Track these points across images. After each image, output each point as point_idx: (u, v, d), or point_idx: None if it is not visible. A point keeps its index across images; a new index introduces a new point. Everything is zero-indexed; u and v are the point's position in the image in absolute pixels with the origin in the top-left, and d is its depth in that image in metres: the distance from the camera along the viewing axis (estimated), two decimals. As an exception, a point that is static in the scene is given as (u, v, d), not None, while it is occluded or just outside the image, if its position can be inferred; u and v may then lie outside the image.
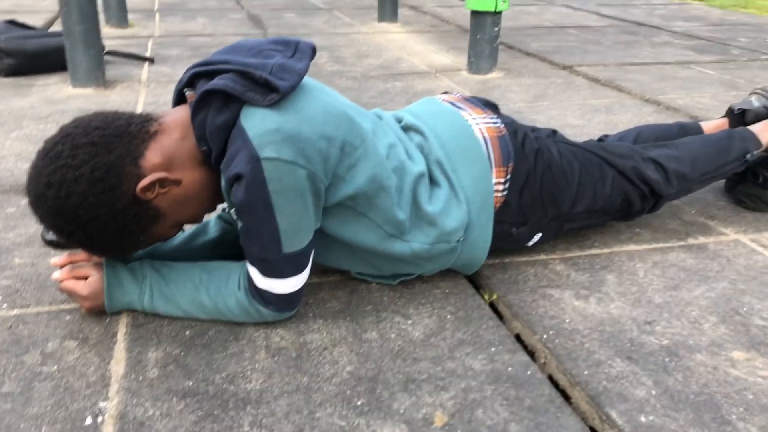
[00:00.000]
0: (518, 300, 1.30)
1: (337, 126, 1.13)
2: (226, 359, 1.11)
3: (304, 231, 1.13)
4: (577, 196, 1.40)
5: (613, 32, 4.40)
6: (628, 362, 1.12)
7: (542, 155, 1.37)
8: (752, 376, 1.10)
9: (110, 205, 1.07)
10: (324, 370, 1.09)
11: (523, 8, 5.46)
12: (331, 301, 1.29)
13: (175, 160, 1.13)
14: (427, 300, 1.30)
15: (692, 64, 3.51)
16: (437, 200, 1.25)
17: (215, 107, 1.10)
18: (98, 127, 1.10)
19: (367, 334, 1.19)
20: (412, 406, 1.02)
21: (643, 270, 1.42)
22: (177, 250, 1.34)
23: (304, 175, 1.08)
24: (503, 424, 0.98)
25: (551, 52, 3.71)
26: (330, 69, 3.18)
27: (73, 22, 2.56)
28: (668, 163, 1.51)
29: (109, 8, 3.99)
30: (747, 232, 1.61)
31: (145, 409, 1.00)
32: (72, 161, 1.06)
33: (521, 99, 2.75)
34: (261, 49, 1.17)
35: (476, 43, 3.09)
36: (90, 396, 1.02)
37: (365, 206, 1.18)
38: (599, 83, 3.08)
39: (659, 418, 1.00)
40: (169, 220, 1.16)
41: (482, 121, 1.35)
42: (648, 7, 5.67)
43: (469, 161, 1.30)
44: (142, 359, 1.11)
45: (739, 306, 1.30)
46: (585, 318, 1.25)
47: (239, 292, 1.18)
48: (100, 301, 1.20)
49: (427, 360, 1.12)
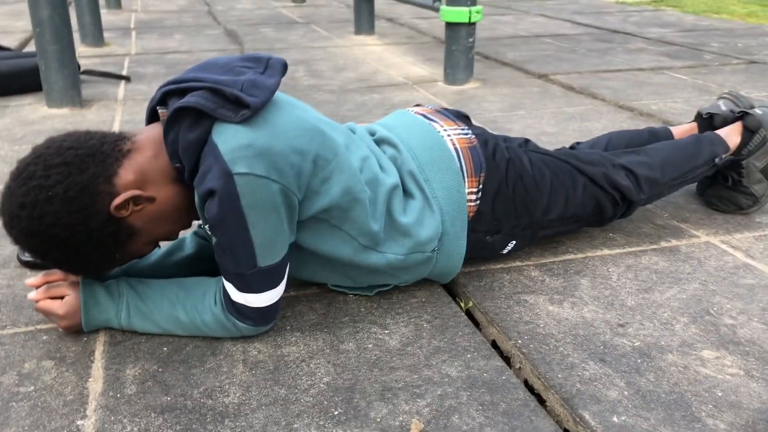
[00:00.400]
0: (494, 306, 1.32)
1: (309, 140, 1.14)
2: (204, 374, 1.12)
3: (279, 245, 1.14)
4: (549, 203, 1.42)
5: (587, 40, 4.46)
6: (602, 364, 1.14)
7: (513, 164, 1.39)
8: (721, 374, 1.12)
9: (85, 224, 1.08)
10: (301, 381, 1.10)
11: (498, 18, 5.52)
12: (309, 314, 1.30)
13: (148, 177, 1.14)
14: (403, 309, 1.31)
15: (666, 69, 3.56)
16: (411, 211, 1.27)
17: (187, 124, 1.11)
18: (71, 147, 1.10)
19: (344, 345, 1.20)
20: (388, 414, 1.03)
21: (616, 274, 1.45)
22: (153, 267, 1.34)
23: (277, 190, 1.09)
24: (479, 428, 1.00)
25: (527, 61, 3.75)
26: (307, 83, 3.20)
27: (46, 41, 2.56)
28: (638, 169, 1.53)
29: (84, 27, 3.99)
30: (718, 234, 1.64)
31: (123, 426, 1.00)
32: (45, 182, 1.07)
33: (497, 108, 2.78)
34: (232, 66, 1.18)
35: (452, 55, 3.12)
36: (67, 414, 1.02)
37: (340, 219, 1.20)
38: (574, 91, 3.12)
39: (631, 418, 1.02)
40: (144, 237, 1.16)
41: (454, 132, 1.37)
42: (622, 15, 5.75)
43: (441, 172, 1.32)
44: (120, 376, 1.11)
45: (710, 306, 1.32)
46: (559, 322, 1.27)
47: (215, 307, 1.19)
48: (77, 320, 1.20)
49: (403, 368, 1.14)
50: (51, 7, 2.54)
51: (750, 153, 1.67)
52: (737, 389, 1.08)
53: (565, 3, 6.62)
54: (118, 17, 5.44)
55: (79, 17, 4.01)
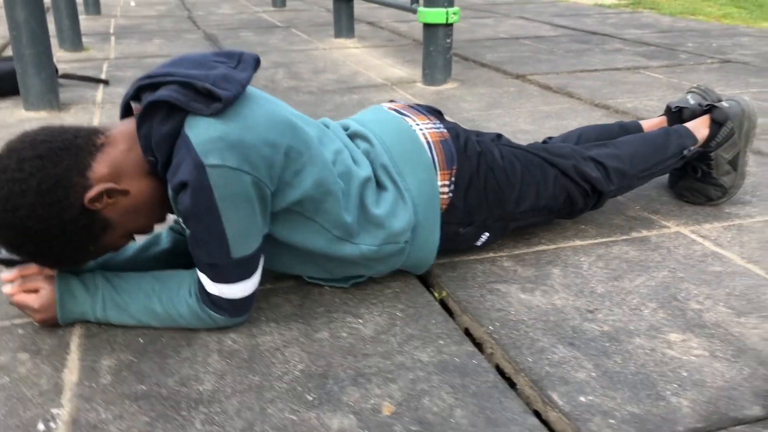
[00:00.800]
0: (467, 296, 1.34)
1: (281, 133, 1.16)
2: (179, 363, 1.13)
3: (252, 236, 1.16)
4: (520, 195, 1.45)
5: (566, 41, 4.51)
6: (570, 348, 1.17)
7: (485, 157, 1.42)
8: (686, 355, 1.15)
9: (59, 216, 1.09)
10: (276, 369, 1.12)
11: (479, 21, 5.56)
12: (284, 305, 1.31)
13: (122, 170, 1.15)
14: (378, 300, 1.33)
15: (642, 69, 3.61)
16: (384, 203, 1.29)
17: (160, 118, 1.12)
18: (44, 141, 1.11)
19: (318, 334, 1.22)
20: (361, 398, 1.05)
21: (587, 263, 1.47)
22: (129, 261, 1.35)
23: (250, 181, 1.11)
24: (449, 410, 1.02)
25: (505, 62, 3.79)
26: (287, 85, 3.22)
27: (23, 45, 2.56)
28: (608, 161, 1.56)
29: (62, 32, 3.98)
30: (688, 224, 1.67)
31: (98, 413, 1.01)
32: (19, 174, 1.08)
33: (475, 108, 2.81)
34: (205, 61, 1.20)
35: (429, 55, 3.15)
36: (42, 404, 1.03)
37: (313, 211, 1.21)
38: (551, 90, 3.16)
39: (598, 398, 1.04)
40: (118, 230, 1.17)
41: (425, 126, 1.40)
42: (600, 17, 5.81)
43: (414, 165, 1.34)
44: (96, 367, 1.12)
45: (678, 292, 1.35)
46: (530, 309, 1.29)
47: (191, 299, 1.20)
48: (53, 314, 1.21)
49: (377, 355, 1.15)
50: (27, 11, 2.55)
51: (718, 145, 1.71)
52: (701, 369, 1.11)
53: (544, 6, 6.69)
54: (97, 23, 5.43)
55: (57, 22, 4.01)
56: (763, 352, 1.16)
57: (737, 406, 1.02)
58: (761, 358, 1.14)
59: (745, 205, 1.78)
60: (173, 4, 6.91)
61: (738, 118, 1.70)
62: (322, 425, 0.99)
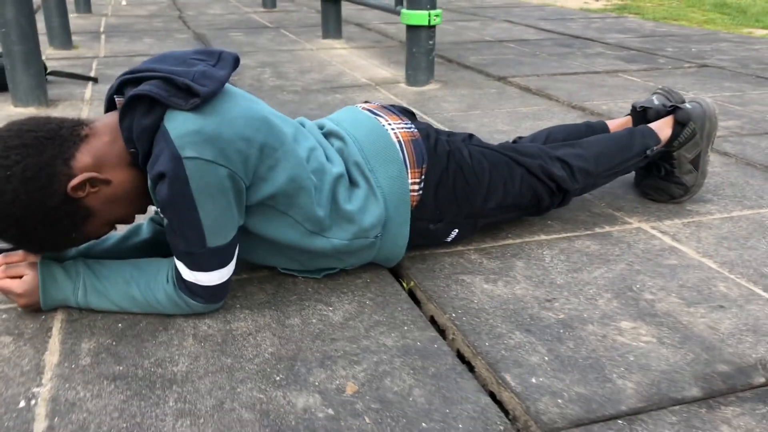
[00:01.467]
0: (433, 286, 1.41)
1: (256, 129, 1.22)
2: (156, 346, 1.19)
3: (227, 226, 1.22)
4: (488, 193, 1.52)
5: (549, 45, 4.59)
6: (526, 334, 1.24)
7: (454, 156, 1.48)
8: (635, 341, 1.22)
9: (42, 203, 1.15)
10: (247, 352, 1.18)
11: (466, 24, 5.64)
12: (258, 294, 1.38)
13: (105, 161, 1.21)
14: (348, 289, 1.40)
15: (620, 72, 3.69)
16: (356, 199, 1.35)
17: (141, 111, 1.18)
18: (30, 130, 1.17)
19: (290, 320, 1.28)
20: (326, 378, 1.11)
21: (550, 256, 1.54)
22: (111, 250, 1.41)
23: (225, 174, 1.17)
24: (408, 389, 1.08)
25: (488, 64, 3.87)
26: (272, 84, 3.28)
27: (11, 42, 2.61)
28: (573, 160, 1.63)
29: (52, 30, 4.03)
30: (649, 221, 1.74)
31: (77, 392, 1.07)
32: (4, 161, 1.13)
33: (455, 108, 2.88)
34: (186, 58, 1.26)
35: (413, 57, 3.22)
36: (24, 383, 1.09)
37: (286, 205, 1.28)
38: (530, 92, 3.23)
39: (548, 379, 1.11)
40: (100, 218, 1.23)
41: (397, 126, 1.46)
42: (585, 21, 5.90)
43: (385, 163, 1.40)
44: (76, 350, 1.18)
45: (633, 284, 1.43)
46: (492, 298, 1.36)
47: (168, 285, 1.26)
48: (35, 299, 1.27)
49: (344, 339, 1.22)
50: (16, 9, 2.60)
51: (680, 145, 1.78)
52: (648, 354, 1.18)
53: (531, 10, 6.77)
54: (87, 21, 5.47)
55: (47, 20, 4.05)
56: (707, 339, 1.23)
57: (677, 388, 1.09)
58: (705, 345, 1.21)
59: (706, 203, 1.86)
60: (164, 4, 6.96)
61: (700, 119, 1.77)
62: (288, 403, 1.05)
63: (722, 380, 1.12)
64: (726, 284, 1.43)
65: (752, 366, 1.15)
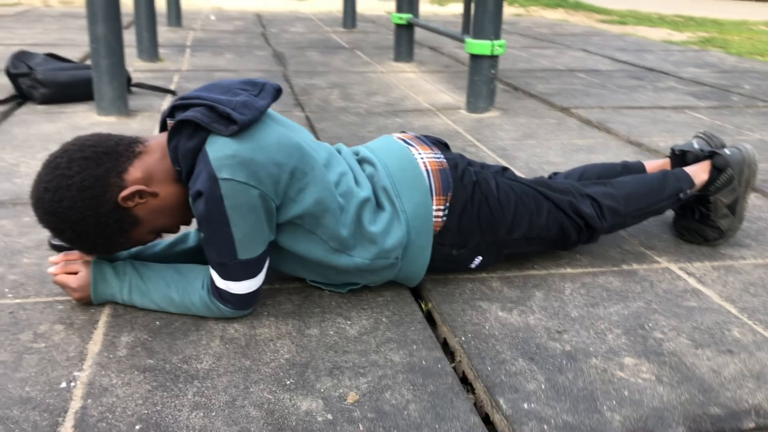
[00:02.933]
0: (449, 309, 1.48)
1: (288, 155, 1.34)
2: (186, 344, 1.32)
3: (257, 242, 1.34)
4: (513, 224, 1.58)
5: (620, 76, 4.57)
6: (529, 362, 1.30)
7: (480, 187, 1.56)
8: (634, 378, 1.26)
9: (95, 209, 1.30)
10: (266, 356, 1.29)
11: (540, 51, 5.67)
12: (286, 304, 1.49)
13: (154, 176, 1.35)
14: (369, 306, 1.49)
15: (687, 109, 3.66)
16: (380, 222, 1.45)
17: (186, 134, 1.32)
18: (92, 145, 1.33)
19: (309, 330, 1.38)
20: (332, 386, 1.21)
21: (570, 289, 1.59)
22: (159, 254, 1.55)
23: (257, 195, 1.29)
24: (405, 403, 1.16)
25: (553, 94, 3.90)
26: (337, 105, 3.42)
27: (100, 56, 2.85)
28: (603, 199, 1.68)
29: (141, 43, 4.32)
30: (678, 261, 1.76)
31: (110, 379, 1.20)
32: (67, 171, 1.29)
33: (510, 137, 2.94)
34: (231, 88, 1.39)
35: (474, 84, 3.30)
36: (68, 367, 1.23)
37: (312, 224, 1.39)
38: (590, 125, 3.25)
39: (540, 406, 1.17)
40: (146, 226, 1.37)
41: (427, 155, 1.55)
42: (664, 53, 5.83)
43: (412, 189, 1.49)
44: (116, 342, 1.32)
45: (646, 322, 1.46)
46: (504, 326, 1.42)
47: (202, 290, 1.39)
48: (87, 293, 1.41)
49: (355, 352, 1.31)
50: (106, 26, 2.83)
51: (717, 190, 1.80)
52: (644, 391, 1.22)
53: (610, 39, 6.73)
54: (176, 35, 5.80)
55: (138, 34, 4.35)
56: (707, 382, 1.26)
57: (664, 425, 1.13)
58: (704, 387, 1.24)
59: (742, 248, 1.86)
60: (250, 20, 7.28)
61: (738, 165, 1.79)
62: (293, 406, 1.15)
63: (711, 422, 1.15)
64: (741, 330, 1.44)
65: (746, 411, 1.18)
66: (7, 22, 6.32)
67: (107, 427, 1.08)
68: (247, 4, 9.08)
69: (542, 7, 10.01)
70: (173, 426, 1.09)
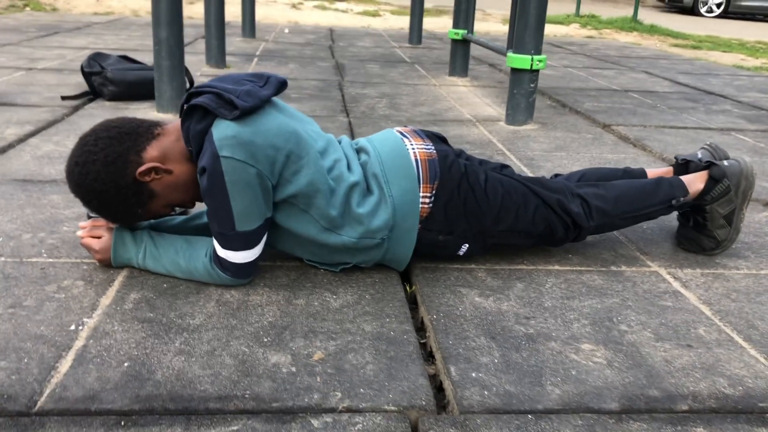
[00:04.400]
0: (431, 292, 1.60)
1: (285, 140, 1.49)
2: (185, 304, 1.48)
3: (254, 216, 1.49)
4: (499, 215, 1.68)
5: (675, 98, 4.56)
6: (490, 340, 1.40)
7: (468, 178, 1.67)
8: (586, 361, 1.34)
9: (116, 182, 1.48)
10: (251, 318, 1.44)
11: (600, 71, 5.68)
12: (282, 278, 1.63)
13: (169, 155, 1.53)
14: (357, 285, 1.62)
15: (735, 131, 3.64)
16: (367, 204, 1.58)
17: (197, 118, 1.49)
18: (116, 126, 1.52)
19: (297, 300, 1.53)
20: (303, 346, 1.34)
21: (551, 284, 1.68)
22: (175, 227, 1.73)
23: (254, 173, 1.45)
24: (364, 364, 1.29)
25: (599, 111, 3.94)
26: (382, 113, 3.58)
27: (161, 58, 3.10)
28: (592, 200, 1.76)
29: (210, 50, 4.60)
30: (669, 267, 1.82)
31: (113, 326, 1.38)
32: (93, 148, 1.48)
33: (541, 149, 3.02)
34: (239, 79, 1.56)
35: (513, 97, 3.40)
36: (79, 314, 1.42)
37: (305, 204, 1.53)
38: (627, 141, 3.29)
39: (487, 376, 1.27)
40: (161, 200, 1.55)
41: (418, 146, 1.68)
42: (730, 78, 5.74)
43: (400, 177, 1.62)
44: (125, 297, 1.50)
45: (616, 316, 1.54)
46: (476, 309, 1.53)
47: (205, 258, 1.55)
48: (108, 256, 1.60)
49: (332, 321, 1.44)
50: (168, 30, 3.08)
51: (713, 200, 1.84)
52: (591, 372, 1.31)
53: (678, 63, 6.66)
54: (249, 45, 6.11)
55: (207, 41, 4.64)
56: (655, 369, 1.33)
57: (599, 401, 1.22)
58: (651, 373, 1.31)
59: (740, 259, 1.89)
60: (322, 34, 7.55)
61: (735, 177, 1.83)
62: (264, 358, 1.29)
63: (645, 402, 1.22)
64: (707, 329, 1.50)
65: (683, 396, 1.25)
66: (98, 29, 6.80)
67: (101, 362, 1.26)
68: (322, 19, 9.41)
69: (616, 30, 9.94)
70: (156, 366, 1.25)
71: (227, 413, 1.14)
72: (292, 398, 1.18)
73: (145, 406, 1.14)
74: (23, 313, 1.41)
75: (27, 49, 5.13)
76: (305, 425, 1.12)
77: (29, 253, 1.69)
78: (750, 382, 1.30)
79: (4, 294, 1.48)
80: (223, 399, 1.17)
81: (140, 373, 1.23)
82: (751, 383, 1.30)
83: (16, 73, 4.13)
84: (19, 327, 1.36)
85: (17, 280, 1.54)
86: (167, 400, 1.16)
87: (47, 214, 1.94)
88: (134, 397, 1.16)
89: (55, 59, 4.69)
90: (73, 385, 1.19)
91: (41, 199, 2.05)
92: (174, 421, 1.11)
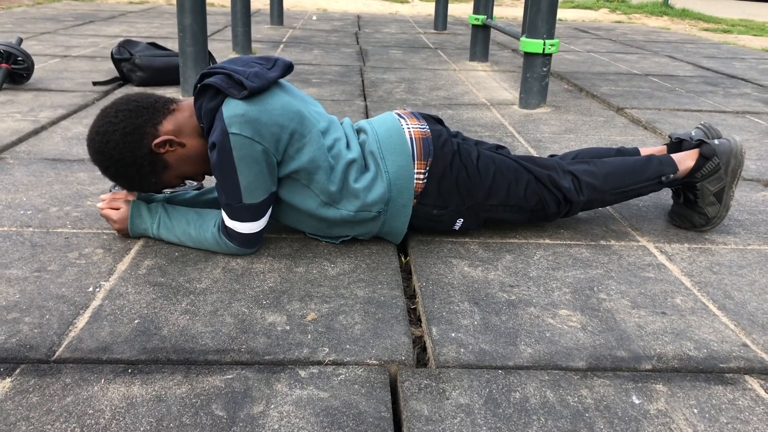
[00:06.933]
0: (423, 262, 1.70)
1: (290, 119, 1.60)
2: (193, 271, 1.61)
3: (260, 190, 1.61)
4: (491, 190, 1.78)
5: (695, 82, 4.56)
6: (472, 305, 1.50)
7: (460, 156, 1.77)
8: (561, 325, 1.44)
9: (133, 152, 1.61)
10: (253, 284, 1.56)
11: (622, 56, 5.68)
12: (285, 249, 1.75)
13: (182, 130, 1.65)
14: (355, 255, 1.73)
15: (750, 114, 3.65)
16: (364, 180, 1.69)
17: (208, 96, 1.61)
18: (135, 101, 1.65)
19: (297, 268, 1.64)
20: (298, 308, 1.46)
21: (540, 256, 1.77)
22: (189, 201, 1.86)
23: (260, 150, 1.56)
24: (352, 324, 1.40)
25: (615, 95, 3.98)
26: (399, 97, 3.67)
27: (186, 44, 3.24)
28: (583, 176, 1.84)
29: (236, 37, 4.73)
30: (658, 242, 1.89)
31: (126, 288, 1.51)
32: (114, 119, 1.61)
33: (550, 131, 3.09)
34: (248, 62, 1.68)
35: (526, 81, 3.46)
36: (97, 278, 1.55)
37: (307, 179, 1.65)
38: (638, 124, 3.34)
39: (465, 336, 1.37)
40: (173, 171, 1.68)
41: (413, 126, 1.78)
42: (755, 62, 5.69)
43: (396, 153, 1.72)
44: (140, 264, 1.63)
45: (596, 285, 1.62)
46: (464, 278, 1.63)
47: (214, 228, 1.68)
48: (125, 225, 1.74)
49: (328, 287, 1.56)
50: (192, 17, 3.21)
51: (703, 177, 1.91)
52: (564, 334, 1.40)
53: (704, 47, 6.61)
54: (276, 32, 6.23)
55: (233, 29, 4.77)
56: (626, 333, 1.42)
57: (567, 360, 1.31)
58: (621, 336, 1.40)
59: (729, 235, 1.96)
60: (349, 21, 7.65)
61: (725, 155, 1.90)
62: (261, 318, 1.41)
63: (611, 361, 1.32)
64: (684, 298, 1.58)
65: (649, 357, 1.33)
66: (132, 17, 6.99)
67: (114, 319, 1.39)
68: (350, 6, 9.49)
69: (646, 15, 9.85)
70: (163, 323, 1.38)
71: (224, 364, 1.26)
72: (283, 352, 1.30)
73: (150, 357, 1.27)
74: (47, 276, 1.55)
75: (63, 37, 5.33)
76: (293, 375, 1.23)
77: (55, 225, 1.83)
78: (715, 346, 1.38)
79: (30, 260, 1.62)
80: (221, 352, 1.29)
81: (148, 329, 1.36)
82: (716, 347, 1.38)
83: (52, 60, 4.31)
84: (43, 288, 1.50)
85: (43, 248, 1.69)
86: (171, 352, 1.29)
87: (73, 190, 2.09)
88: (141, 349, 1.29)
89: (88, 47, 4.87)
90: (88, 338, 1.32)
91: (69, 177, 2.20)
92: (175, 370, 1.23)
